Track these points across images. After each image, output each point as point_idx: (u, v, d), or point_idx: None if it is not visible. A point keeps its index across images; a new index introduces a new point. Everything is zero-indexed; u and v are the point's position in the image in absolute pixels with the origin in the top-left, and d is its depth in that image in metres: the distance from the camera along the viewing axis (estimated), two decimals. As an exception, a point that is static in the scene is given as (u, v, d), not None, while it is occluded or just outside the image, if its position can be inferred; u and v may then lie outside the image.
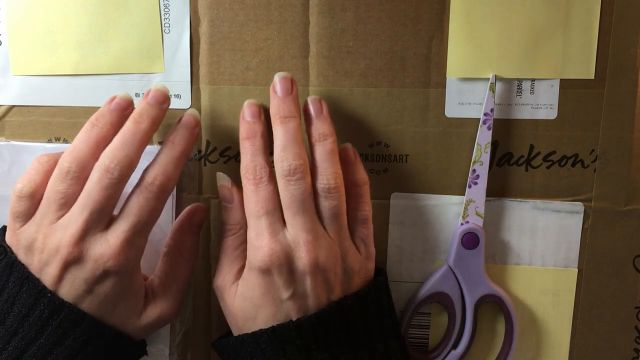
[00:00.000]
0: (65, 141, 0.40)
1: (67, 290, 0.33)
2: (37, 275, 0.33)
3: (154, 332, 0.38)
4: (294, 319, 0.33)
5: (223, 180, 0.37)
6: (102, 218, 0.33)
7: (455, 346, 0.40)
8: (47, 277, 0.33)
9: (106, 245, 0.33)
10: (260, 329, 0.33)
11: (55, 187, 0.33)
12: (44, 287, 0.33)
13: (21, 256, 0.34)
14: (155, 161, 0.35)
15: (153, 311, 0.36)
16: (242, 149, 0.36)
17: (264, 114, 0.37)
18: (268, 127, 0.36)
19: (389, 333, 0.36)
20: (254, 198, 0.34)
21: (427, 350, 0.41)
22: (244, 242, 0.36)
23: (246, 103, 0.37)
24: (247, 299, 0.34)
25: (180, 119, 0.37)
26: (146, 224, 0.34)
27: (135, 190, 0.34)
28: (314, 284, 0.33)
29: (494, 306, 0.40)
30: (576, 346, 0.40)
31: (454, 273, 0.39)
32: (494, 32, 0.37)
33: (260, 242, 0.33)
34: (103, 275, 0.33)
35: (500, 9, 0.37)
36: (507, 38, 0.37)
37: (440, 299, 0.40)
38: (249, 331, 0.34)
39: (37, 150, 0.40)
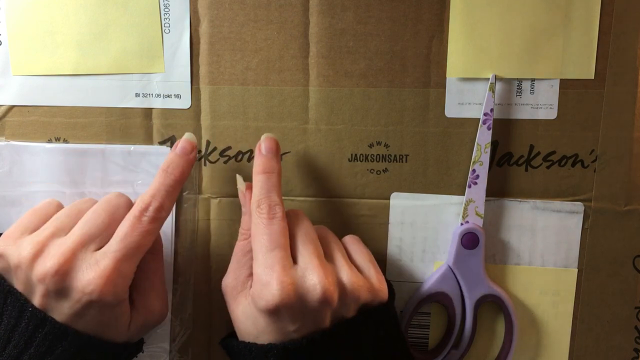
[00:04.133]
0: (65, 141, 0.40)
1: (55, 315, 0.32)
2: (25, 294, 0.33)
3: (147, 333, 0.37)
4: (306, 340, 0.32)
5: (240, 184, 0.37)
6: (91, 242, 0.33)
7: (455, 346, 0.40)
8: (35, 301, 0.32)
9: (92, 274, 0.32)
10: (270, 343, 0.32)
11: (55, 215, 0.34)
12: (26, 300, 0.32)
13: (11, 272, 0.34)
14: (150, 187, 0.35)
15: (138, 318, 0.35)
16: (255, 181, 0.35)
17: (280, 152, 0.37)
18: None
19: (397, 344, 0.35)
20: (266, 230, 0.33)
21: (427, 350, 0.41)
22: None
23: (264, 136, 0.37)
24: (250, 319, 0.33)
25: (177, 144, 0.37)
26: (135, 250, 0.33)
27: (127, 216, 0.34)
28: (323, 317, 0.32)
29: (494, 306, 0.40)
30: (576, 346, 0.40)
31: (453, 273, 0.39)
32: (494, 32, 0.37)
33: (269, 277, 0.31)
34: (88, 305, 0.32)
35: (500, 9, 0.37)
36: (507, 38, 0.37)
37: (440, 299, 0.40)
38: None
39: (37, 150, 0.40)
